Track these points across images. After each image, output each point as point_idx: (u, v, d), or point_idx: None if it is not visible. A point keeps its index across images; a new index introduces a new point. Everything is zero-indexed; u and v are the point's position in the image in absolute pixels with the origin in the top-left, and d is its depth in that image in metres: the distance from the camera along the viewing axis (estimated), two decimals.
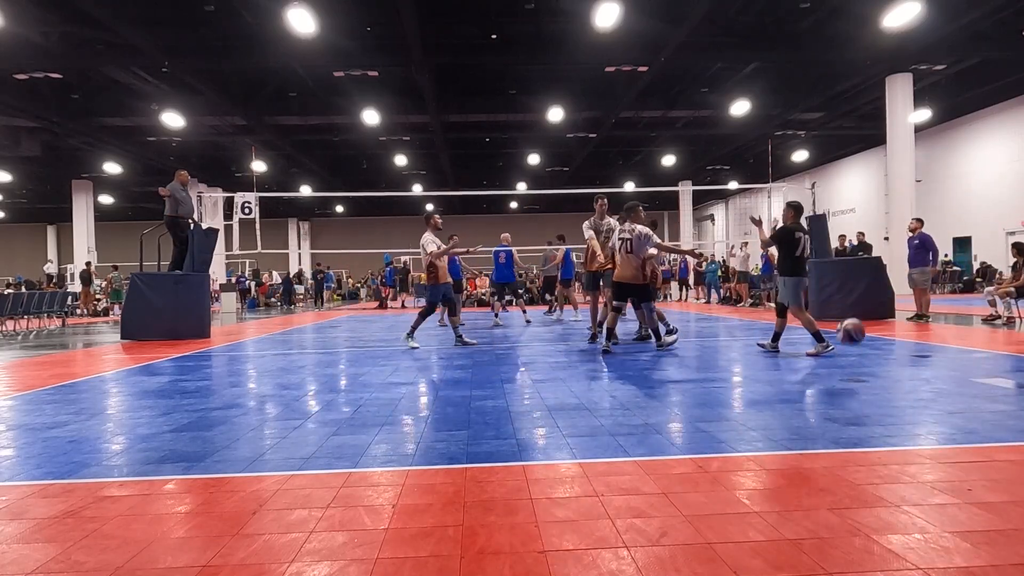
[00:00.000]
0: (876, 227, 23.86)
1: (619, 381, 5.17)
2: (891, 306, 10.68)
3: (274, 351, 8.21)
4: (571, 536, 2.04)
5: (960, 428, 3.31)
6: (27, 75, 15.85)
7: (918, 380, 4.84)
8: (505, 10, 13.91)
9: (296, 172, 28.44)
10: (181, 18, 13.68)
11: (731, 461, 2.84)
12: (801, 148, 25.29)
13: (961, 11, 13.57)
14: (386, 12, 13.23)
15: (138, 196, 32.41)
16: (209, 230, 10.84)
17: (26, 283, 26.76)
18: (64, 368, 6.75)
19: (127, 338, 9.63)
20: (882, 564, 1.81)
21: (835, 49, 15.30)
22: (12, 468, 3.00)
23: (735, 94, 18.17)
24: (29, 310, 13.00)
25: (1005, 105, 20.36)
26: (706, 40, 14.78)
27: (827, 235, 11.51)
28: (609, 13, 12.00)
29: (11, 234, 39.87)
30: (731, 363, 6.25)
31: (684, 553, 1.90)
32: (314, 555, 1.96)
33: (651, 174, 29.71)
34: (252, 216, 13.81)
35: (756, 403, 4.11)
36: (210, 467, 2.93)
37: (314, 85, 18.13)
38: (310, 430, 3.60)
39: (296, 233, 41.11)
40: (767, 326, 8.45)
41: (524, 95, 18.78)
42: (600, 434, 3.37)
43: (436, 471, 2.79)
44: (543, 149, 25.05)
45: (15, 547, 2.06)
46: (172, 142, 23.29)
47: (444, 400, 4.45)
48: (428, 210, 11.20)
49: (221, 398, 4.72)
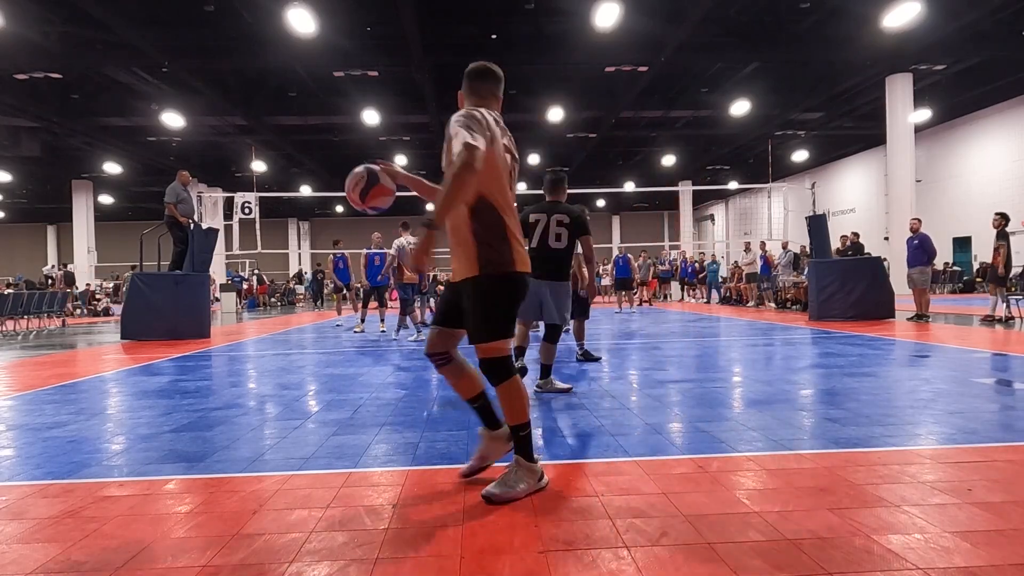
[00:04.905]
0: (876, 227, 23.89)
1: (619, 381, 5.17)
2: (891, 306, 10.69)
3: (274, 351, 8.21)
4: (571, 536, 2.04)
5: (960, 428, 3.31)
6: (27, 75, 15.86)
7: (918, 380, 4.84)
8: (505, 10, 13.91)
9: (296, 172, 28.44)
10: (181, 18, 13.68)
11: (731, 461, 2.84)
12: (801, 148, 25.31)
13: (961, 11, 13.57)
14: (386, 12, 13.23)
15: (138, 196, 32.42)
16: (209, 230, 10.85)
17: (26, 283, 26.75)
18: (64, 368, 6.75)
19: (127, 338, 9.63)
20: (882, 564, 1.80)
21: (835, 49, 15.31)
22: (12, 468, 3.00)
23: (735, 94, 18.18)
24: (29, 310, 13.00)
25: (1005, 105, 20.36)
26: (706, 40, 14.79)
27: (827, 235, 11.52)
28: (609, 13, 12.01)
29: (11, 234, 39.86)
30: (731, 363, 6.25)
31: (684, 553, 1.90)
32: (314, 555, 1.96)
33: (651, 174, 29.71)
34: (252, 216, 13.82)
35: (756, 403, 4.11)
36: (210, 467, 2.93)
37: (314, 85, 18.13)
38: (310, 430, 3.60)
39: (296, 233, 41.11)
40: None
41: (524, 95, 18.78)
42: (600, 434, 3.37)
43: (436, 471, 2.78)
44: (543, 149, 25.05)
45: (15, 547, 2.06)
46: (172, 142, 23.29)
47: (444, 400, 4.45)
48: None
49: (221, 398, 4.72)
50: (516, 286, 2.44)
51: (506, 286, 2.41)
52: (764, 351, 7.09)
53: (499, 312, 2.41)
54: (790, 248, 15.48)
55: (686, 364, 6.07)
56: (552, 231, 4.40)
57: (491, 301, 2.39)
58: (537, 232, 4.41)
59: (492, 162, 2.35)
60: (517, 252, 2.43)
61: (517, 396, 2.44)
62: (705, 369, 5.77)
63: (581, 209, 4.64)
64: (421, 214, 2.45)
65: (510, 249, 2.40)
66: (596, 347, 7.66)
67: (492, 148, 2.34)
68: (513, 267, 2.41)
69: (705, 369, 5.77)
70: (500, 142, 2.41)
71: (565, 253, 4.47)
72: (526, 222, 4.41)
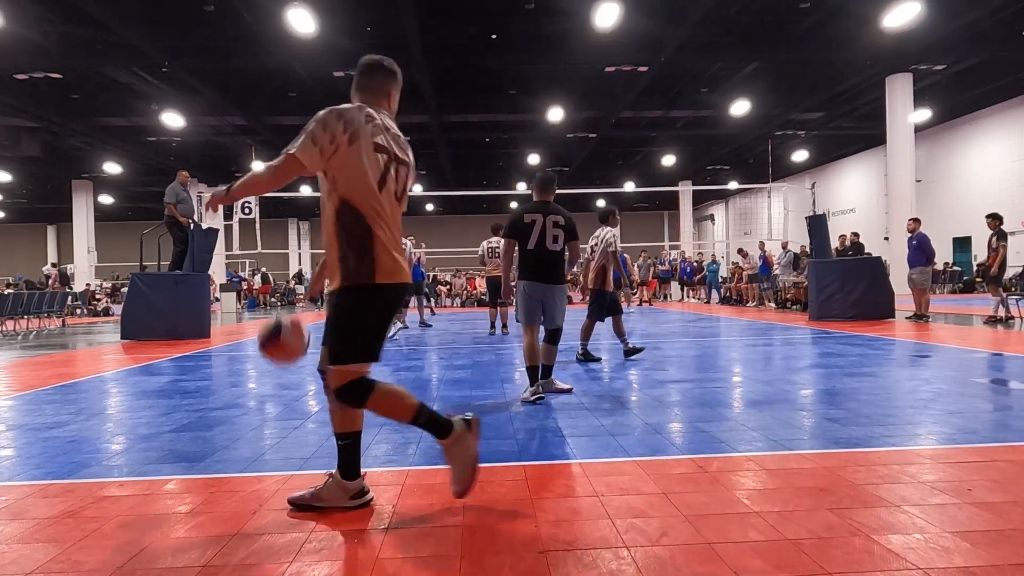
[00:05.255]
0: (876, 227, 23.87)
1: (618, 381, 5.17)
2: (891, 306, 10.69)
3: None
4: (571, 536, 2.04)
5: (960, 428, 3.31)
6: (27, 75, 15.86)
7: (918, 380, 4.84)
8: (505, 10, 13.90)
9: None
10: (181, 18, 13.68)
11: (731, 461, 2.84)
12: (801, 148, 25.30)
13: (961, 11, 13.57)
14: (386, 12, 13.23)
15: (138, 196, 32.40)
16: (209, 230, 10.85)
17: (27, 283, 26.75)
18: (64, 368, 6.75)
19: (127, 338, 9.63)
20: (882, 564, 1.81)
21: (835, 49, 15.31)
22: (12, 468, 3.00)
23: (735, 94, 18.17)
24: (29, 310, 13.00)
25: (1005, 105, 20.36)
26: (706, 40, 14.78)
27: (827, 235, 11.53)
28: (609, 13, 12.00)
29: (11, 234, 39.86)
30: (731, 363, 6.25)
31: (684, 553, 1.90)
32: (314, 555, 1.96)
33: (651, 174, 29.71)
34: (252, 216, 13.83)
35: (756, 403, 4.11)
36: (210, 467, 2.93)
37: (314, 85, 18.12)
38: (310, 430, 3.60)
39: (296, 233, 41.12)
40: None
41: (524, 95, 18.77)
42: (600, 434, 3.37)
43: (436, 471, 2.78)
44: (543, 149, 25.05)
45: (15, 547, 2.06)
46: (172, 142, 23.29)
47: (444, 400, 4.46)
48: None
49: (221, 398, 4.72)
50: (373, 300, 2.17)
51: (360, 300, 2.15)
52: (764, 351, 7.09)
53: (353, 329, 2.16)
54: (790, 248, 15.49)
55: (686, 364, 6.07)
56: (549, 232, 4.33)
57: (344, 317, 2.16)
58: (534, 233, 4.33)
59: (353, 164, 2.15)
60: (382, 262, 2.17)
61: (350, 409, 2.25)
62: (705, 369, 5.77)
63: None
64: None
65: (373, 259, 2.15)
66: (596, 347, 7.67)
67: (353, 149, 2.14)
68: (372, 279, 2.15)
69: (705, 369, 5.77)
70: (369, 142, 2.18)
71: (561, 255, 4.43)
72: (521, 222, 4.34)
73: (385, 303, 2.20)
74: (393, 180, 2.28)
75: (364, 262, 2.16)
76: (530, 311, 4.41)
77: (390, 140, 2.29)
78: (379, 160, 2.22)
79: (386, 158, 2.25)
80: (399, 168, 2.33)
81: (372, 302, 2.17)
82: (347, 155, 2.14)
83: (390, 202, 2.26)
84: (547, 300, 4.40)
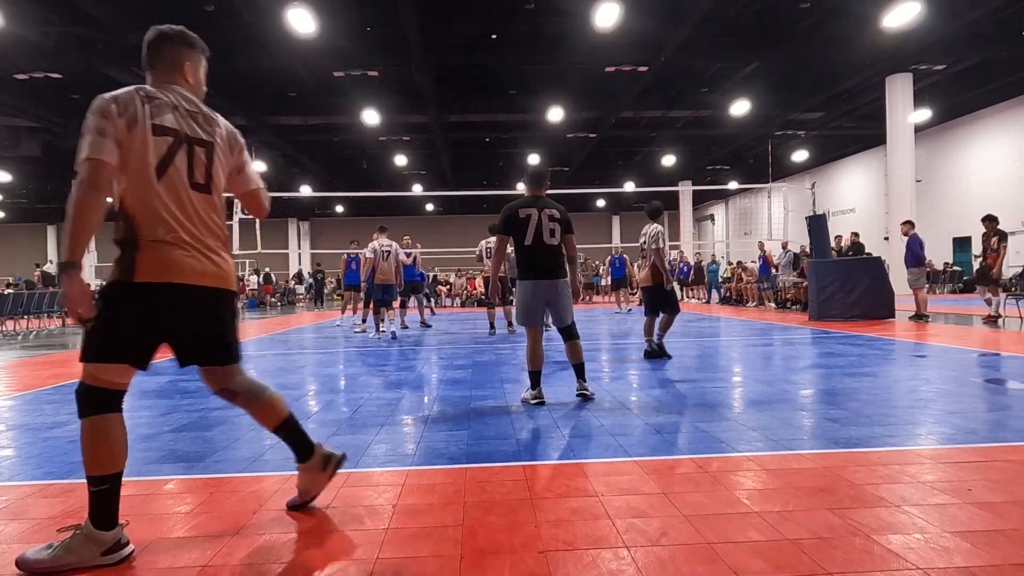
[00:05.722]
0: (876, 227, 23.87)
1: (619, 381, 5.17)
2: (891, 306, 10.69)
3: (274, 351, 8.20)
4: (571, 536, 2.04)
5: (960, 428, 3.31)
6: (27, 75, 15.85)
7: (918, 380, 4.84)
8: (505, 10, 13.90)
9: (296, 172, 28.43)
10: (181, 18, 13.36)
11: (731, 461, 2.84)
12: (801, 148, 25.30)
13: (961, 11, 13.57)
14: (386, 12, 13.23)
15: None
16: None
17: (27, 283, 26.73)
18: (64, 368, 6.75)
19: None
20: (882, 564, 1.81)
21: (835, 49, 15.31)
22: (12, 468, 3.00)
23: (735, 94, 18.18)
24: (29, 310, 13.00)
25: (1005, 105, 20.36)
26: (706, 40, 14.79)
27: (827, 235, 11.53)
28: (609, 13, 12.01)
29: (11, 234, 39.86)
30: (731, 363, 6.25)
31: (684, 553, 1.90)
32: (314, 555, 1.96)
33: (651, 174, 29.71)
34: (252, 216, 13.81)
35: (756, 403, 4.11)
36: (210, 467, 2.93)
37: (314, 85, 18.12)
38: (310, 430, 3.56)
39: (296, 233, 41.11)
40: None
41: (524, 95, 18.77)
42: (600, 434, 3.37)
43: (436, 471, 2.78)
44: (543, 149, 25.05)
45: (15, 547, 2.06)
46: None
47: (444, 400, 4.46)
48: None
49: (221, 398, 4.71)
50: (125, 300, 1.95)
51: (111, 299, 1.95)
52: (764, 351, 7.09)
53: (97, 327, 1.98)
54: (790, 248, 15.48)
55: (686, 364, 6.07)
56: (546, 226, 4.24)
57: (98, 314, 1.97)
58: (531, 228, 4.23)
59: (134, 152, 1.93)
60: (146, 258, 1.93)
61: (94, 440, 2.04)
62: (705, 369, 5.77)
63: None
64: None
65: (135, 253, 1.92)
66: (596, 347, 7.67)
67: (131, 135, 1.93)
68: (131, 276, 1.93)
69: (705, 369, 5.77)
70: (146, 123, 1.94)
71: (559, 249, 4.34)
72: (516, 217, 4.25)
73: (137, 303, 1.96)
74: (184, 164, 2.02)
75: (128, 257, 1.93)
76: (531, 312, 4.32)
77: (181, 119, 2.04)
78: (162, 144, 1.97)
79: (171, 140, 1.99)
80: (194, 149, 2.06)
81: (119, 301, 1.95)
82: (128, 142, 1.92)
83: (175, 190, 1.98)
84: (552, 298, 4.31)
